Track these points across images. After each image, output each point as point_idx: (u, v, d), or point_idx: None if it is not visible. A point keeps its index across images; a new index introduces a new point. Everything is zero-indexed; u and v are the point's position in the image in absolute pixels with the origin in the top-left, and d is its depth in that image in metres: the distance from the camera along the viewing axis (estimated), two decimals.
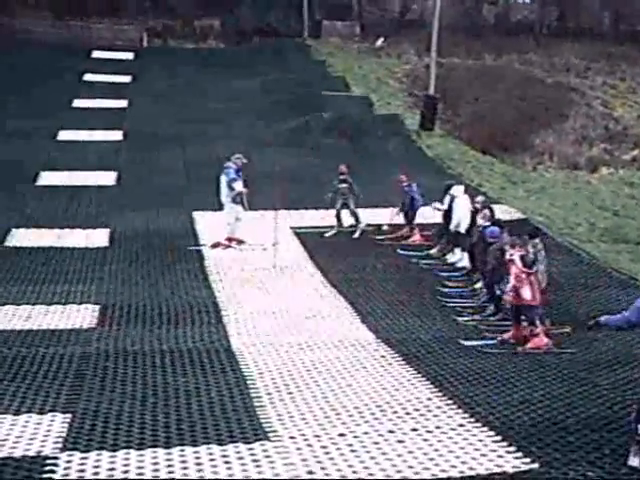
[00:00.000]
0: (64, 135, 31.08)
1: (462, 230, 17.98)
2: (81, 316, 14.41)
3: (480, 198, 18.05)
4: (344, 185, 20.51)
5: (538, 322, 13.33)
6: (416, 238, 20.12)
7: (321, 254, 18.77)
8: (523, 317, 13.44)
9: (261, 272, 17.46)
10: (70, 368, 11.77)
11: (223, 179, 19.00)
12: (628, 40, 54.03)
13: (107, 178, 25.72)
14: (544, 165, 36.28)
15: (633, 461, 8.92)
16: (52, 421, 9.83)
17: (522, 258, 13.40)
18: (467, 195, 18.81)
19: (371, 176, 25.49)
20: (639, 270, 18.68)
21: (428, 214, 20.11)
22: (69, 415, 10.00)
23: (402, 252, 19.14)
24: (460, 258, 18.15)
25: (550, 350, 12.99)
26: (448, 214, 18.68)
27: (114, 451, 9.04)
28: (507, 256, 13.57)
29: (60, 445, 9.17)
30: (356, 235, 20.32)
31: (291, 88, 39.25)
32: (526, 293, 13.21)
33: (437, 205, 19.18)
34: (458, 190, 18.83)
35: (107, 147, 29.61)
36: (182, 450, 9.12)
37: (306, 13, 54.73)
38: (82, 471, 8.52)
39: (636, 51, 52.23)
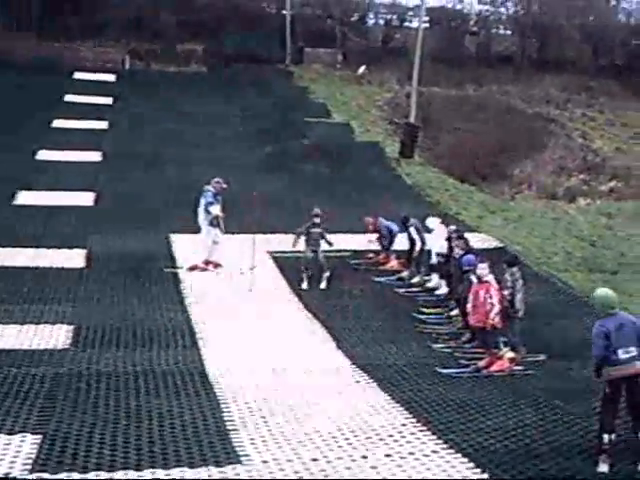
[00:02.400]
0: (43, 155, 30.94)
1: (442, 259, 18.13)
2: (55, 336, 14.29)
3: (452, 227, 18.21)
4: (316, 230, 18.62)
5: (501, 345, 13.50)
6: (393, 264, 20.17)
7: (298, 279, 18.73)
8: (486, 341, 13.58)
9: (237, 296, 17.40)
10: (42, 389, 11.67)
11: (202, 202, 18.98)
12: (608, 73, 54.61)
13: (85, 199, 25.59)
14: (522, 194, 36.48)
15: (602, 467, 9.43)
16: (22, 442, 9.73)
17: (497, 280, 13.52)
18: (443, 225, 18.94)
19: (350, 202, 25.57)
20: (617, 300, 18.72)
21: (401, 241, 20.18)
22: (39, 436, 9.89)
23: (384, 280, 19.13)
24: (439, 284, 18.24)
25: (513, 371, 13.22)
26: (412, 240, 19.25)
27: (84, 473, 8.96)
28: (478, 275, 13.67)
29: (29, 467, 9.07)
30: (323, 286, 18.19)
31: (272, 114, 39.35)
32: (498, 317, 13.32)
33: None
34: (433, 222, 18.99)
35: (86, 168, 29.48)
36: (153, 472, 9.04)
37: (289, 40, 54.97)
38: None
39: (615, 84, 52.81)
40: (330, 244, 18.65)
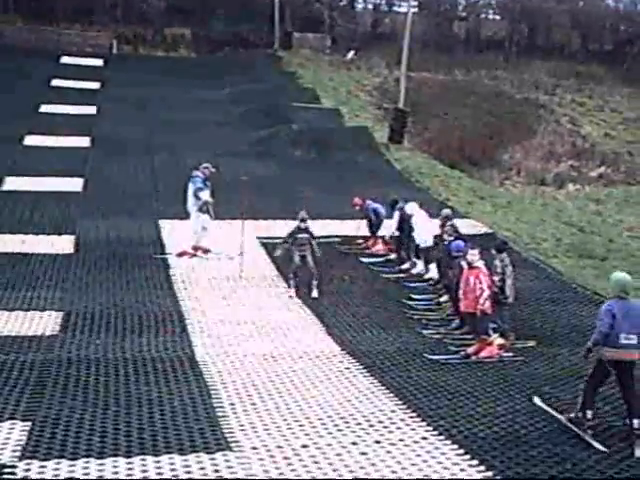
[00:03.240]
0: (30, 140, 30.81)
1: (429, 243, 18.12)
2: (44, 323, 14.23)
3: (445, 211, 18.18)
4: (304, 235, 17.08)
5: (491, 331, 13.50)
6: (379, 248, 20.19)
7: (288, 265, 18.69)
8: (476, 327, 13.59)
9: (227, 282, 17.38)
10: (31, 375, 11.63)
11: (190, 188, 18.91)
12: (597, 59, 54.68)
13: (74, 184, 25.47)
14: (511, 180, 36.56)
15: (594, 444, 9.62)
16: (11, 429, 9.71)
17: (486, 266, 13.52)
18: (422, 210, 18.82)
19: (339, 188, 25.54)
20: (603, 286, 18.79)
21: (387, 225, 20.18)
22: (29, 423, 9.87)
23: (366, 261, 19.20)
24: (423, 269, 18.26)
25: (503, 358, 13.24)
26: (400, 228, 19.06)
27: (74, 460, 8.94)
28: (468, 261, 13.67)
29: (18, 453, 9.05)
30: (315, 294, 16.65)
31: (261, 98, 39.25)
32: (487, 302, 13.32)
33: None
34: (412, 208, 18.83)
35: (74, 153, 29.36)
36: (143, 459, 9.04)
37: (277, 25, 54.82)
38: None
39: (604, 70, 52.87)
40: (316, 253, 17.13)
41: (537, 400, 11.03)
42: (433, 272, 17.81)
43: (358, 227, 20.73)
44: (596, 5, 62.95)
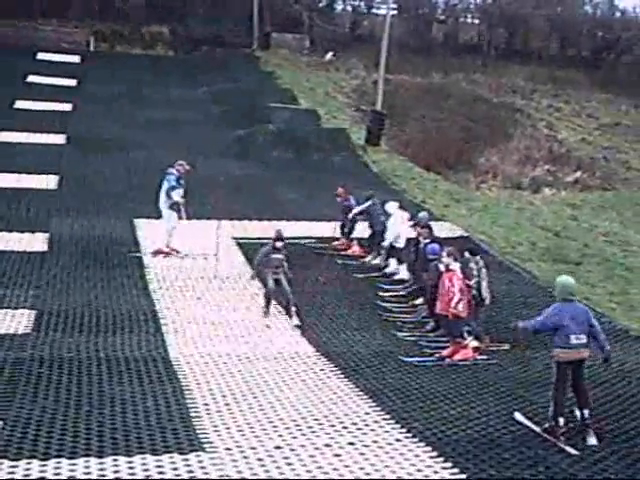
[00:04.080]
0: (5, 136, 30.49)
1: (400, 244, 18.22)
2: (16, 321, 14.10)
3: (422, 214, 18.25)
4: (278, 256, 15.49)
5: (466, 334, 13.54)
6: (355, 249, 20.20)
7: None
8: (450, 330, 13.62)
9: (202, 282, 17.30)
10: (2, 374, 11.52)
11: (164, 185, 18.77)
12: (574, 65, 55.00)
13: (48, 182, 25.28)
14: (487, 184, 36.64)
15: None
16: None
17: (462, 270, 13.55)
18: (402, 210, 19.01)
19: (316, 189, 25.51)
20: (578, 290, 18.86)
21: (362, 228, 20.20)
22: (0, 422, 9.77)
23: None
24: (396, 269, 18.32)
25: (477, 360, 13.30)
26: (371, 224, 19.30)
27: (45, 460, 8.86)
28: (444, 266, 13.72)
29: None
30: (295, 322, 14.98)
31: (238, 98, 39.15)
32: (462, 306, 13.34)
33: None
34: (392, 206, 19.03)
35: (49, 150, 29.12)
36: (115, 460, 8.97)
37: (256, 24, 54.69)
38: None
39: (581, 75, 53.20)
40: (289, 279, 15.65)
41: (518, 415, 11.00)
42: (404, 273, 17.93)
43: (334, 228, 20.72)
44: (574, 11, 63.35)
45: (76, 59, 47.10)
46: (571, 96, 49.95)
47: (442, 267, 13.94)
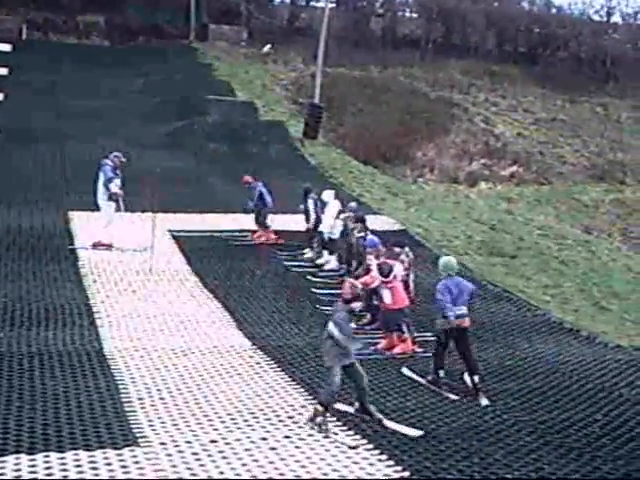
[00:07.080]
0: None
1: (335, 235, 18.26)
2: None
3: (351, 205, 18.40)
4: None
5: (405, 328, 13.53)
6: (270, 237, 20.22)
7: (199, 259, 18.54)
8: (387, 323, 13.67)
9: (137, 275, 17.10)
10: None
11: (101, 177, 18.50)
12: (511, 60, 55.63)
13: None
14: (424, 178, 36.95)
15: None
16: None
17: (379, 266, 13.62)
18: (337, 200, 19.07)
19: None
20: (513, 283, 19.14)
21: (287, 220, 20.21)
22: None
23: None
24: (328, 260, 18.38)
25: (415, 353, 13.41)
26: (308, 217, 19.32)
27: None
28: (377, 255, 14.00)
29: None
30: None
31: (175, 90, 38.82)
32: (387, 298, 13.41)
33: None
34: (328, 195, 19.10)
35: None
36: (47, 456, 8.80)
37: (193, 15, 54.21)
38: None
39: (518, 70, 53.83)
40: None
41: (405, 370, 12.44)
42: (333, 264, 18.05)
43: (271, 220, 20.63)
44: (511, 7, 64.03)
45: (7, 47, 46.22)
46: (508, 91, 50.55)
47: (373, 260, 14.15)
